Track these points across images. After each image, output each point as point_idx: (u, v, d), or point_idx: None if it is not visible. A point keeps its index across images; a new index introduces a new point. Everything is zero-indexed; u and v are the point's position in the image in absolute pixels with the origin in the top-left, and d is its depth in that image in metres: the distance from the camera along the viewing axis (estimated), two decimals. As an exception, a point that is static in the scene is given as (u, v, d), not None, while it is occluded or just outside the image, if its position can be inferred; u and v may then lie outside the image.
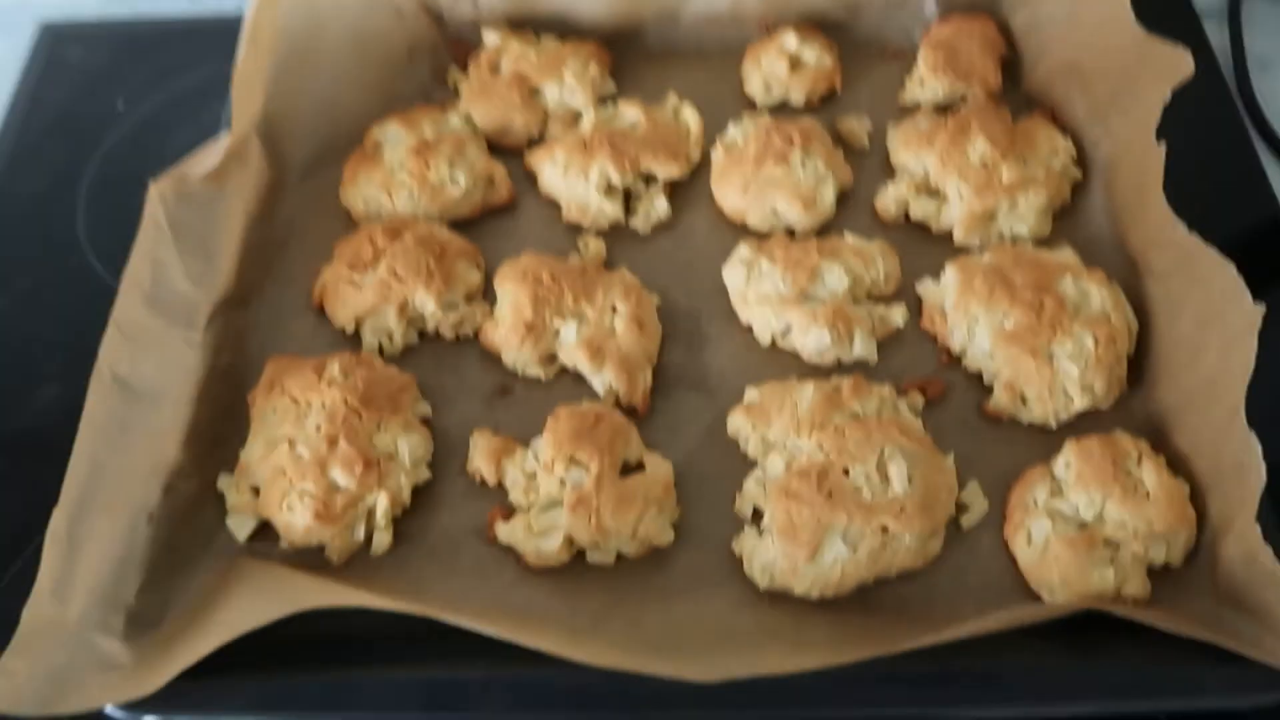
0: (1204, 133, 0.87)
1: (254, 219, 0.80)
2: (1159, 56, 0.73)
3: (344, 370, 0.70)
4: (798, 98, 0.89)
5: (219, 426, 0.71)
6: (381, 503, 0.66)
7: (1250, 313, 0.61)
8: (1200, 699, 0.58)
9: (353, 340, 0.76)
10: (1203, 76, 0.89)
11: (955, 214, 0.79)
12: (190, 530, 0.67)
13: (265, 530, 0.68)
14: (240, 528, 0.67)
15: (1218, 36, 0.96)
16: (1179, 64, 0.72)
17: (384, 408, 0.69)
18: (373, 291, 0.75)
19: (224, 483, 0.69)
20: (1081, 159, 0.82)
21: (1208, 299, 0.66)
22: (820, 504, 0.63)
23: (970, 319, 0.73)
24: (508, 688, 0.60)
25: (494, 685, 0.60)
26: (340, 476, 0.66)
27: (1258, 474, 0.58)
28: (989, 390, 0.72)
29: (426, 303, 0.75)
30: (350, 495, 0.66)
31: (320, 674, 0.61)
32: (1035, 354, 0.70)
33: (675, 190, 0.84)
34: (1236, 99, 0.91)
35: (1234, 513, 0.60)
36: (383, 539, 0.66)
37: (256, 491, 0.68)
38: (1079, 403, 0.69)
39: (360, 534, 0.66)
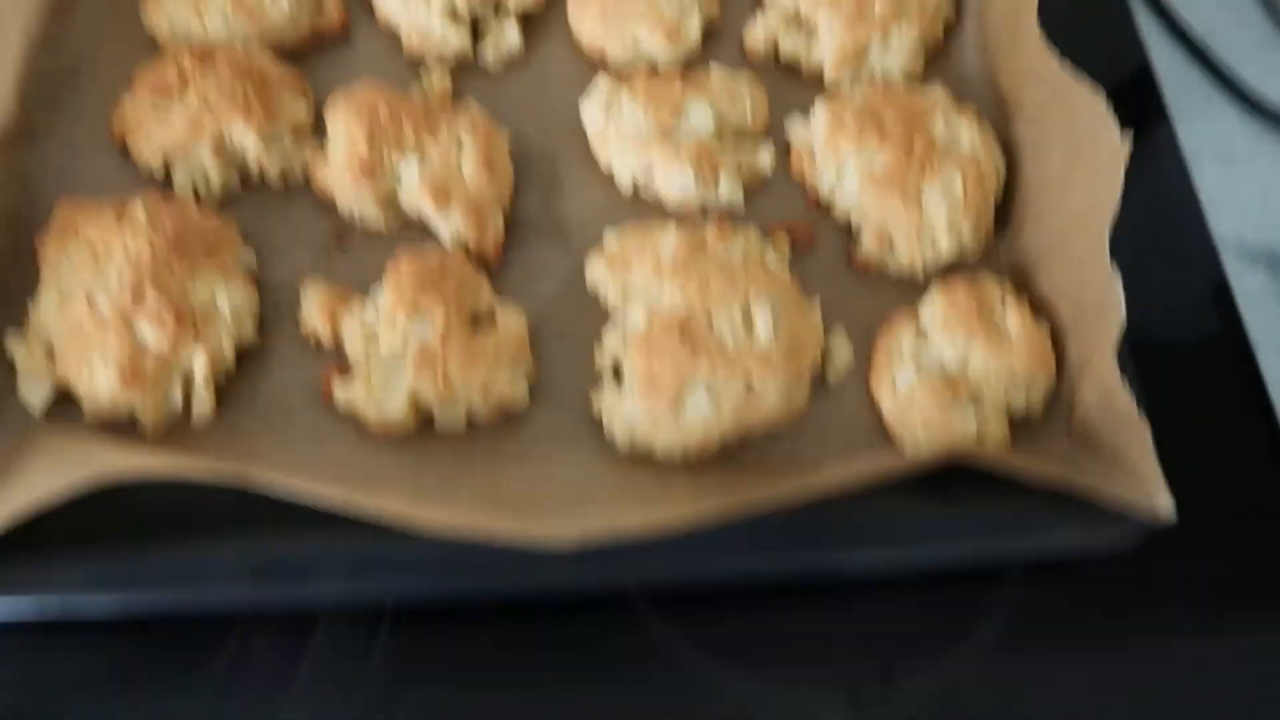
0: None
1: (36, 42, 0.69)
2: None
3: (150, 212, 0.62)
4: (662, -79, 0.81)
5: (3, 275, 0.62)
6: (200, 362, 0.59)
7: (1118, 145, 0.59)
8: (1053, 543, 0.59)
9: (163, 184, 0.67)
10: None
11: (826, 49, 0.75)
12: (-28, 396, 0.58)
13: (67, 398, 0.60)
14: (35, 394, 0.59)
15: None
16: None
17: (199, 255, 0.61)
18: (182, 124, 0.66)
19: (12, 343, 0.60)
20: (955, -5, 0.78)
21: (1077, 135, 0.64)
22: (682, 355, 0.60)
23: (839, 160, 0.69)
24: (345, 558, 0.55)
25: (331, 556, 0.55)
26: (149, 332, 0.58)
27: (1117, 311, 0.57)
28: (857, 240, 0.69)
29: (246, 136, 0.66)
30: (162, 354, 0.58)
31: (138, 548, 0.55)
32: (904, 195, 0.67)
33: (529, 22, 0.76)
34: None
35: (1092, 352, 0.60)
36: (203, 404, 0.60)
37: (52, 353, 0.60)
38: (946, 245, 0.67)
39: (178, 399, 0.59)
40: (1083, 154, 0.63)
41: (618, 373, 0.63)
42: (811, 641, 0.59)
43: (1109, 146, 0.60)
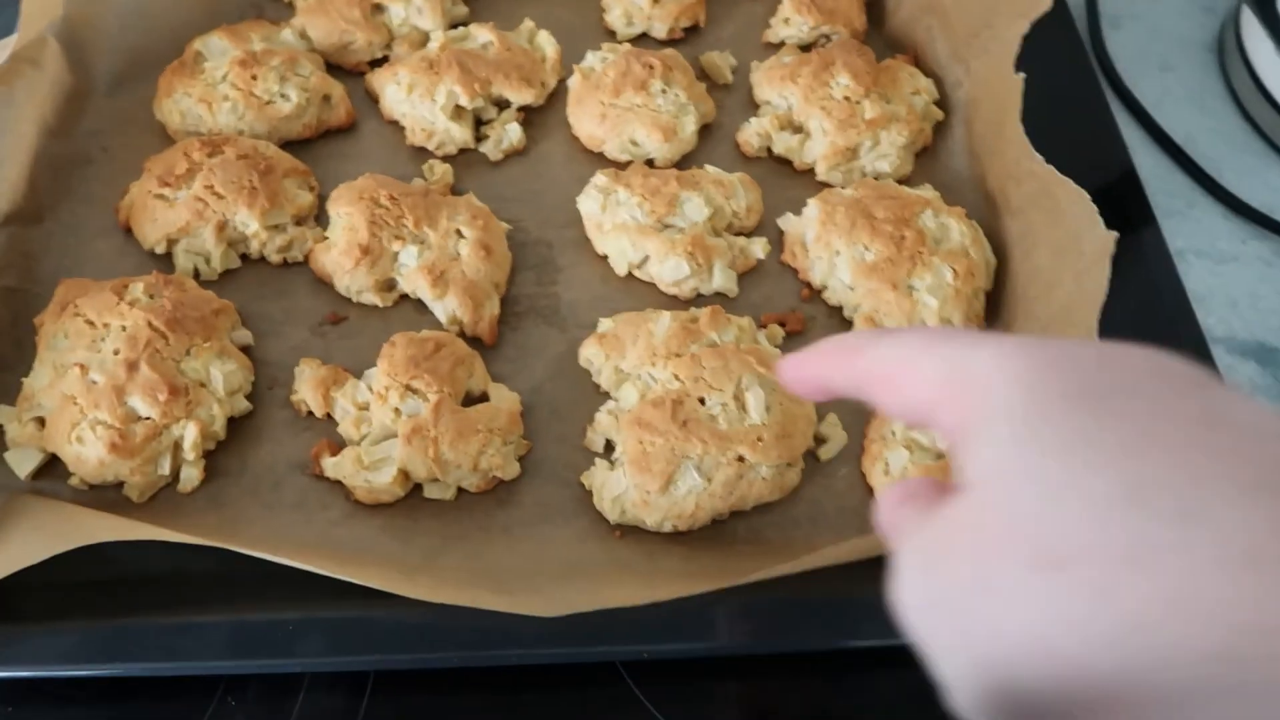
0: (1059, 85, 0.88)
1: (51, 130, 0.72)
2: (1017, -5, 0.73)
3: (149, 291, 0.63)
4: (660, 31, 0.85)
5: (1, 352, 0.63)
6: (190, 433, 0.59)
7: (1104, 239, 0.60)
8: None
9: (163, 264, 0.69)
10: (1058, 30, 0.91)
11: (818, 149, 0.77)
12: (-40, 466, 0.58)
13: (52, 467, 0.60)
14: (21, 463, 0.59)
15: (1072, -2, 0.97)
16: (1036, 0, 0.71)
17: (195, 332, 0.62)
18: (186, 208, 0.67)
19: (2, 414, 0.60)
20: (943, 100, 0.81)
21: (1063, 230, 0.65)
22: (674, 433, 0.60)
23: (831, 251, 0.71)
24: (326, 629, 0.53)
25: (311, 626, 0.53)
26: (141, 404, 0.58)
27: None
28: (849, 324, 0.70)
29: (249, 223, 0.68)
30: (153, 425, 0.58)
31: (114, 619, 0.53)
32: (895, 286, 0.68)
33: (530, 118, 0.79)
34: (1090, 53, 0.92)
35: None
36: (191, 473, 0.59)
37: (42, 424, 0.60)
38: (937, 335, 0.68)
39: (166, 468, 0.59)
40: (1069, 249, 0.64)
41: (609, 450, 0.62)
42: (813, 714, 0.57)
43: (1095, 241, 0.61)
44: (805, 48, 0.85)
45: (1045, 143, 0.69)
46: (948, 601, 0.29)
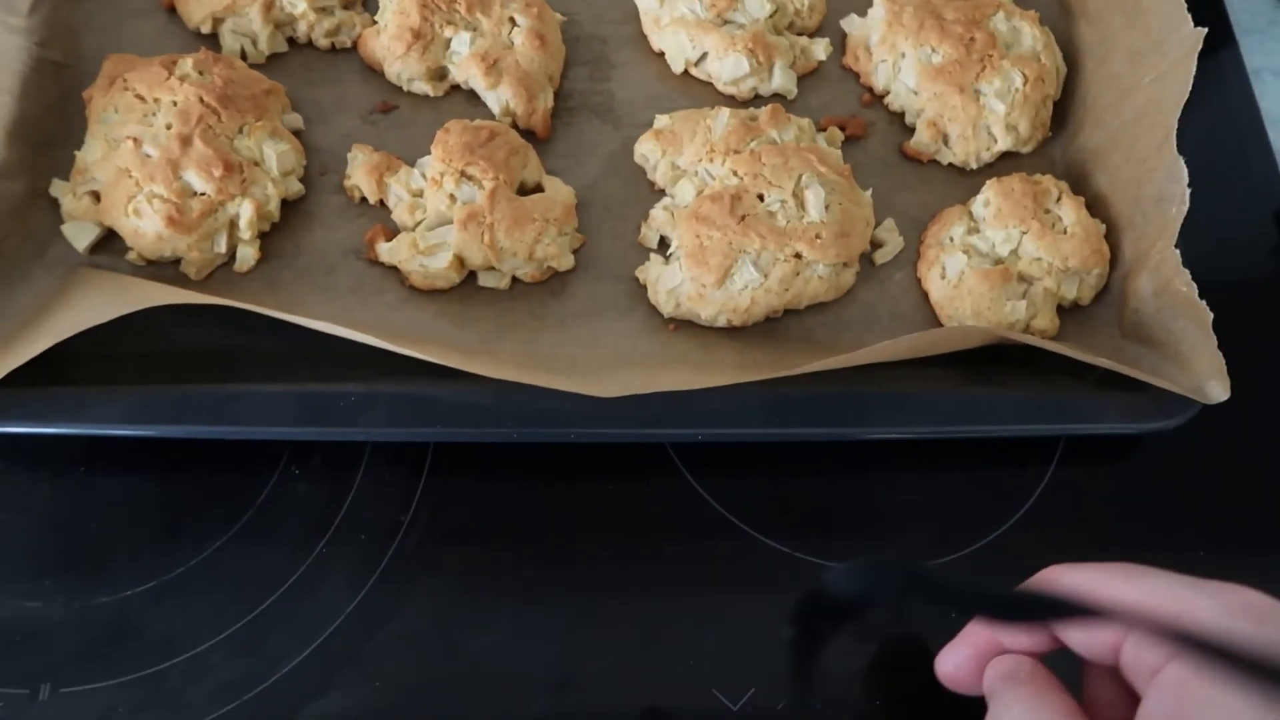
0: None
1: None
2: None
3: (199, 67, 0.61)
4: None
5: (48, 126, 0.62)
6: (245, 211, 0.58)
7: (1191, 35, 0.58)
8: (1097, 423, 0.58)
9: (208, 45, 0.67)
10: None
11: (885, -53, 0.73)
12: (19, 238, 0.58)
13: (109, 241, 0.60)
14: (79, 236, 0.59)
15: None
16: None
17: (247, 110, 0.61)
18: (233, -15, 0.65)
19: (57, 188, 0.60)
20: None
21: (1143, 32, 0.63)
22: (732, 227, 0.59)
23: (896, 54, 0.68)
24: (388, 402, 0.54)
25: (376, 399, 0.54)
26: (196, 179, 0.58)
27: (1181, 201, 0.57)
28: (910, 131, 0.68)
29: (297, 2, 0.65)
30: (208, 201, 0.58)
31: (181, 386, 0.54)
32: (962, 89, 0.66)
33: (582, -94, 0.75)
34: None
35: (1150, 246, 0.59)
36: (247, 252, 0.59)
37: (96, 197, 0.59)
38: (1001, 143, 0.66)
39: (223, 246, 0.59)
40: (1150, 52, 0.62)
41: (664, 247, 0.62)
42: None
43: (1181, 42, 0.59)
44: None
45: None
46: None
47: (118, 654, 0.51)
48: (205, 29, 0.66)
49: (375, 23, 0.67)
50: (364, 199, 0.62)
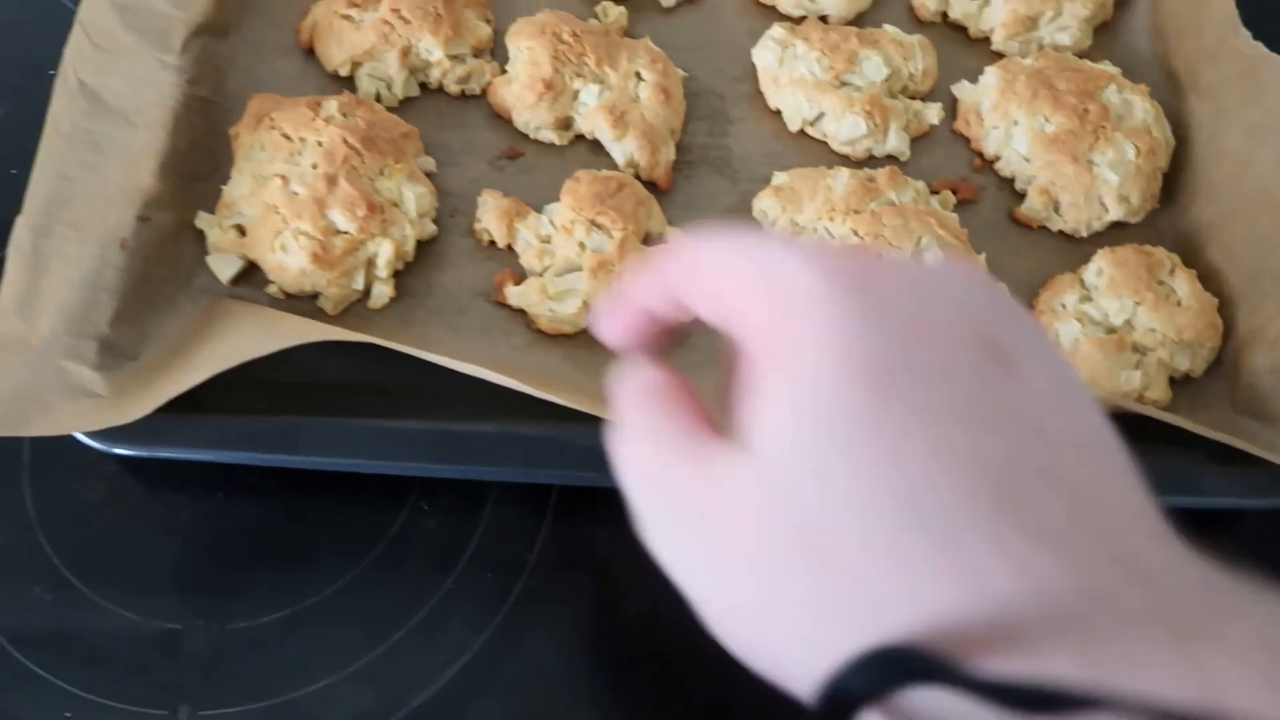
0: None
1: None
2: None
3: (343, 109, 0.64)
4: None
5: (196, 160, 0.64)
6: (384, 250, 0.60)
7: (1313, 118, 0.59)
8: (1208, 496, 0.58)
9: (344, 86, 0.69)
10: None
11: (996, 16, 0.75)
12: (167, 267, 0.60)
13: (249, 274, 0.62)
14: (224, 268, 0.61)
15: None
16: None
17: (387, 153, 0.63)
18: (373, 31, 0.67)
19: (203, 220, 0.62)
20: (1126, -26, 0.78)
21: (1263, 110, 0.64)
22: (855, 286, 0.60)
23: (1009, 121, 0.70)
24: (518, 442, 0.56)
25: (506, 439, 0.56)
26: (340, 218, 0.60)
27: (1303, 281, 0.58)
28: (1020, 196, 0.70)
29: (433, 50, 0.68)
30: (351, 239, 0.60)
31: (319, 418, 0.56)
32: (1075, 159, 0.67)
33: (702, -35, 0.78)
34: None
35: (1267, 321, 0.60)
36: (383, 290, 0.61)
37: (241, 231, 0.61)
38: (1113, 213, 0.68)
39: (359, 283, 0.61)
40: (1271, 131, 0.63)
41: (784, 301, 0.63)
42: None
43: None
44: (985, -89, 0.82)
45: (1254, 16, 0.67)
46: (710, 562, 0.30)
47: (253, 679, 0.53)
48: (343, 71, 0.69)
49: (504, 72, 0.70)
50: (492, 242, 0.64)
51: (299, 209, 0.60)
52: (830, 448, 0.27)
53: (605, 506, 0.58)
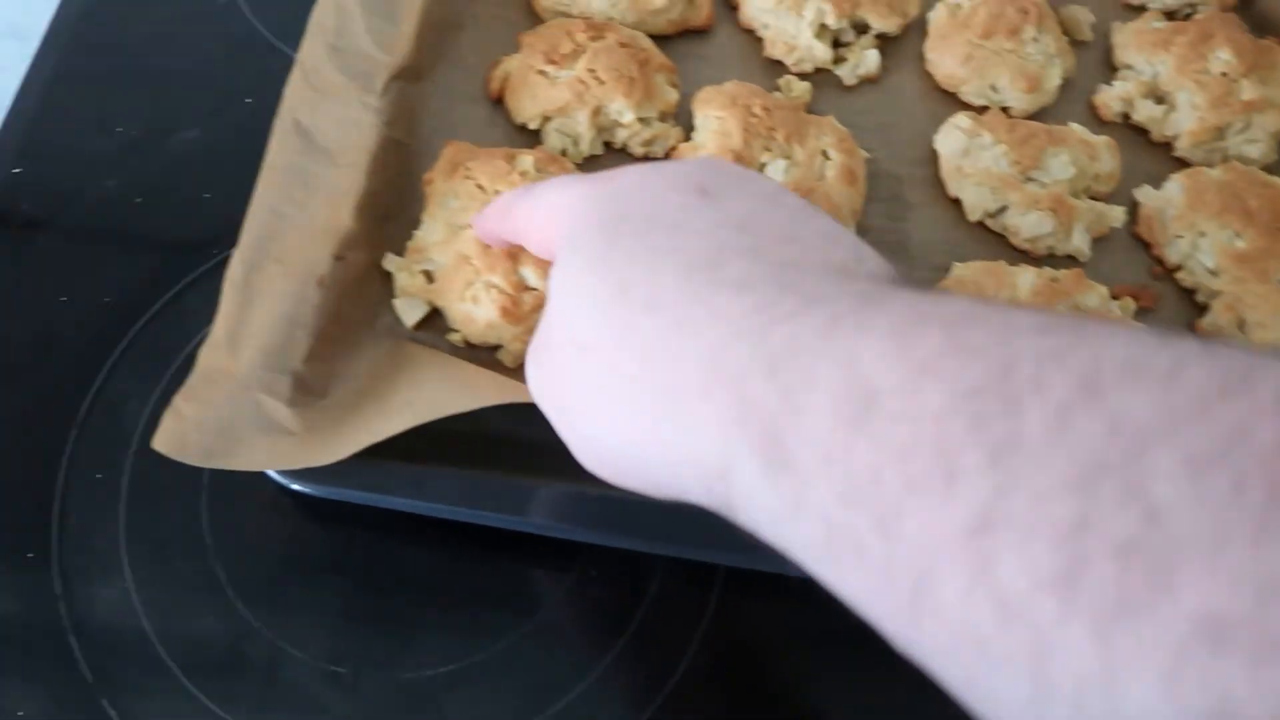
0: None
1: (433, -10, 0.73)
2: None
3: (538, 165, 0.64)
4: (1018, -26, 0.82)
5: (388, 202, 0.65)
6: (571, 311, 0.61)
7: None
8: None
9: (530, 138, 0.70)
10: None
11: (1184, 123, 0.74)
12: (357, 306, 0.61)
13: (431, 319, 0.62)
14: (409, 312, 0.62)
15: None
16: None
17: (578, 212, 0.63)
18: (568, 88, 0.68)
19: (391, 263, 0.63)
20: (1318, 90, 0.77)
21: None
22: (1041, 391, 0.59)
23: (1195, 232, 0.68)
24: (689, 521, 0.55)
25: (677, 516, 0.55)
26: (531, 275, 0.60)
27: None
28: (1200, 308, 0.68)
29: (624, 112, 0.68)
30: (539, 296, 0.60)
31: (498, 474, 0.56)
32: (1265, 279, 0.66)
33: (884, 46, 0.78)
34: None
35: None
36: (566, 350, 0.61)
37: (429, 277, 0.62)
38: (1302, 336, 0.66)
39: (542, 340, 0.61)
40: None
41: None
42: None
43: None
44: (1170, 14, 0.82)
45: None
46: (549, 389, 0.41)
47: (418, 732, 0.53)
48: (533, 125, 0.70)
49: (689, 138, 0.70)
50: (670, 309, 0.64)
51: (492, 262, 0.60)
52: (575, 277, 0.37)
53: (772, 591, 0.58)
